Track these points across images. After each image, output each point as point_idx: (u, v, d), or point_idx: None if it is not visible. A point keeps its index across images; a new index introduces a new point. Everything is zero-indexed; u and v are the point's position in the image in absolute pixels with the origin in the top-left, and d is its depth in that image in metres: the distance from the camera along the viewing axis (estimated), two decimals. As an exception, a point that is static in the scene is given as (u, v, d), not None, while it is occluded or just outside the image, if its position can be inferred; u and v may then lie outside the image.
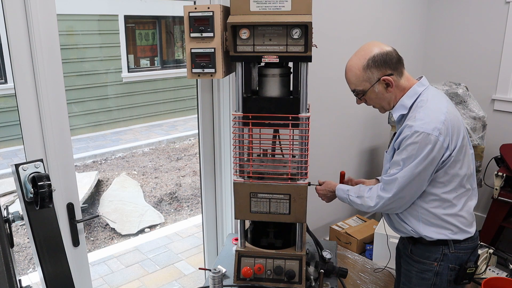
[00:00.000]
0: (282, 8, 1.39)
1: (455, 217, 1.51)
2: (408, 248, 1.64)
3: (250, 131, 1.54)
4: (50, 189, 0.92)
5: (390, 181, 1.48)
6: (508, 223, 2.72)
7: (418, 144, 1.39)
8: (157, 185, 5.37)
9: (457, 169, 1.46)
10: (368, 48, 1.49)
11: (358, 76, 1.49)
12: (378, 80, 1.48)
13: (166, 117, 8.04)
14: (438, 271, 1.56)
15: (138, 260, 3.75)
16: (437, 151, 1.39)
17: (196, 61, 1.48)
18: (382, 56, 1.47)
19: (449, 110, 1.45)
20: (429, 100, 1.46)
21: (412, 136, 1.39)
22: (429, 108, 1.43)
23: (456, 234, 1.52)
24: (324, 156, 2.73)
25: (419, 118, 1.41)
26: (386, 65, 1.47)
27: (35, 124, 1.43)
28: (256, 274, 1.60)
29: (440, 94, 1.54)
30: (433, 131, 1.38)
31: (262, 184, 1.54)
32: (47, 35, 1.39)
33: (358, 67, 1.48)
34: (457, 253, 1.54)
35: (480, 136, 2.79)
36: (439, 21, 3.31)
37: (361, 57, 1.48)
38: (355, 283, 2.45)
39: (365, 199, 1.57)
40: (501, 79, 3.03)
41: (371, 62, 1.46)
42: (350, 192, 1.64)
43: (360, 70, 1.47)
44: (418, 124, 1.39)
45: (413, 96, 1.50)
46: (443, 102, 1.48)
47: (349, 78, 1.53)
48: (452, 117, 1.43)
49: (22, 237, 4.05)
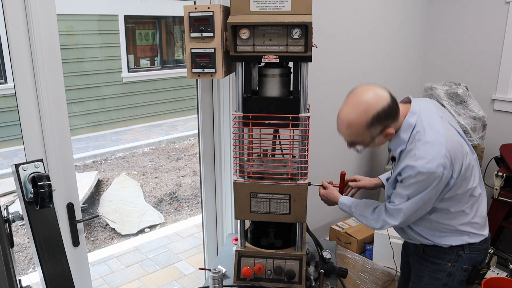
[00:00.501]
0: (282, 8, 1.39)
1: (469, 225, 1.51)
2: (420, 249, 1.63)
3: (250, 131, 1.53)
4: (50, 189, 0.92)
5: (395, 211, 1.47)
6: (508, 223, 2.72)
7: (423, 182, 1.37)
8: (157, 185, 5.37)
9: (464, 186, 1.45)
10: (368, 100, 1.36)
11: (359, 134, 1.40)
12: (380, 133, 1.41)
13: (166, 117, 8.04)
14: (452, 272, 1.56)
15: (138, 260, 3.75)
16: (442, 183, 1.39)
17: (196, 61, 1.48)
18: (385, 111, 1.36)
19: (447, 136, 1.39)
20: (426, 132, 1.40)
21: (416, 176, 1.36)
22: (428, 142, 1.38)
23: (472, 238, 1.53)
24: (324, 156, 2.73)
25: (420, 156, 1.36)
26: (389, 118, 1.39)
27: (35, 124, 1.43)
28: (256, 274, 1.60)
29: (433, 118, 1.45)
30: (437, 169, 1.34)
31: (262, 184, 1.54)
32: (47, 35, 1.39)
33: (361, 125, 1.37)
34: (471, 254, 1.54)
35: (480, 136, 2.79)
36: (439, 21, 3.31)
37: (362, 113, 1.36)
38: (355, 283, 2.45)
39: (370, 220, 1.57)
40: (501, 79, 3.03)
41: (375, 119, 1.36)
42: (353, 208, 1.63)
43: (363, 128, 1.38)
44: (421, 164, 1.35)
45: (408, 129, 1.43)
46: (439, 128, 1.41)
47: (348, 134, 1.43)
48: (451, 145, 1.38)
49: (22, 237, 4.05)
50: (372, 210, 1.58)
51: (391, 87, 3.43)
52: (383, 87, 1.41)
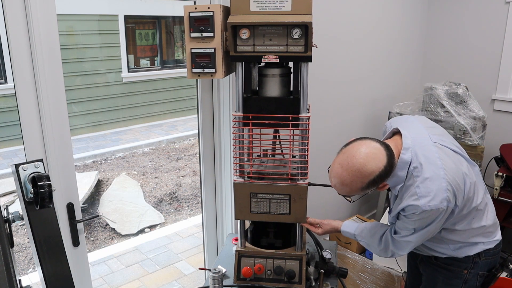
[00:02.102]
0: (282, 8, 1.39)
1: (481, 235, 1.51)
2: (431, 256, 1.60)
3: (250, 131, 1.53)
4: (50, 189, 0.92)
5: (403, 243, 1.46)
6: (508, 223, 2.72)
7: (429, 217, 1.35)
8: (157, 185, 5.37)
9: (468, 206, 1.43)
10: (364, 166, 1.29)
11: (352, 192, 1.37)
12: (374, 190, 1.38)
13: (166, 117, 8.04)
14: (468, 278, 1.54)
15: (138, 260, 3.75)
16: (447, 214, 1.37)
17: (196, 61, 1.48)
18: (382, 175, 1.31)
19: (445, 168, 1.34)
20: (423, 167, 1.35)
21: (421, 214, 1.33)
22: (428, 178, 1.33)
23: (487, 245, 1.52)
24: (324, 156, 2.72)
25: (422, 195, 1.32)
26: (385, 179, 1.34)
27: (35, 124, 1.43)
28: (256, 274, 1.60)
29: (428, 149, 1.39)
30: (441, 204, 1.31)
31: (262, 185, 1.54)
32: (47, 35, 1.39)
33: (355, 188, 1.33)
34: (487, 260, 1.53)
35: (480, 136, 2.79)
36: (439, 21, 3.31)
37: (358, 178, 1.30)
38: (355, 283, 2.45)
39: (379, 251, 1.55)
40: (501, 79, 3.03)
41: (371, 183, 1.32)
42: (358, 237, 1.61)
43: (358, 190, 1.34)
44: (423, 203, 1.31)
45: (405, 166, 1.38)
46: (436, 160, 1.35)
47: (340, 190, 1.38)
48: (451, 175, 1.34)
49: (22, 237, 4.05)
50: (379, 239, 1.54)
51: (391, 87, 3.44)
52: (379, 143, 1.34)
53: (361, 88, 2.89)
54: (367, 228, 1.61)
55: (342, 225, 1.66)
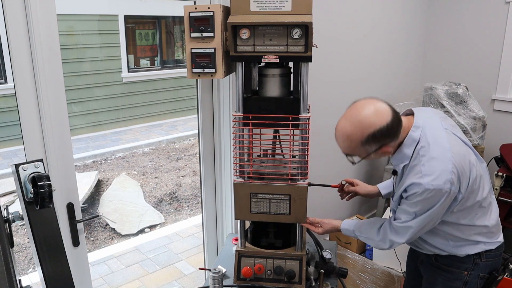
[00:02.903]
0: (282, 8, 1.39)
1: (482, 234, 1.49)
2: (432, 257, 1.59)
3: (250, 131, 1.53)
4: (50, 189, 0.92)
5: (402, 228, 1.44)
6: (508, 223, 2.72)
7: (431, 199, 1.33)
8: (157, 185, 5.37)
9: (472, 199, 1.42)
10: (366, 117, 1.31)
11: (353, 148, 1.37)
12: (375, 151, 1.37)
13: (166, 117, 8.05)
14: (468, 280, 1.52)
15: (138, 260, 3.75)
16: (450, 199, 1.36)
17: (196, 61, 1.48)
18: (382, 131, 1.32)
19: (453, 151, 1.34)
20: (431, 146, 1.35)
21: (423, 193, 1.32)
22: (434, 158, 1.33)
23: (488, 245, 1.50)
24: (324, 156, 2.73)
25: (427, 173, 1.32)
26: (387, 138, 1.34)
27: (35, 124, 1.43)
28: (256, 274, 1.60)
29: (438, 131, 1.41)
30: (444, 185, 1.30)
31: (262, 185, 1.54)
32: (47, 35, 1.39)
33: (355, 140, 1.33)
34: (488, 262, 1.51)
35: (480, 136, 2.79)
36: (439, 21, 3.31)
37: (358, 129, 1.32)
38: (355, 283, 2.45)
39: (377, 242, 1.54)
40: (501, 79, 3.03)
41: (371, 138, 1.32)
42: (357, 232, 1.60)
43: (358, 144, 1.34)
44: (427, 181, 1.31)
45: (412, 144, 1.38)
46: (445, 143, 1.36)
47: (343, 146, 1.39)
48: (458, 159, 1.34)
49: (22, 237, 4.05)
50: (377, 230, 1.54)
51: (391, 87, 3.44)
52: (386, 103, 1.36)
53: (361, 88, 2.89)
54: (365, 223, 1.61)
55: (342, 223, 1.66)
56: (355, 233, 1.61)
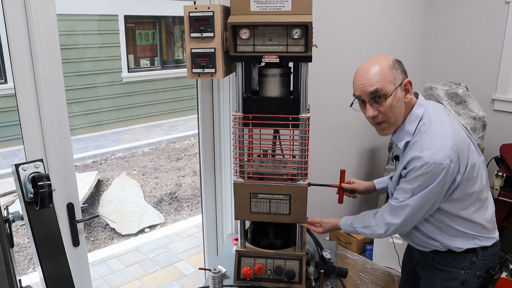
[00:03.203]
0: (282, 8, 1.39)
1: (479, 230, 1.49)
2: (429, 257, 1.59)
3: (250, 131, 1.53)
4: (50, 189, 0.92)
5: (399, 207, 1.43)
6: (508, 223, 2.72)
7: (430, 174, 1.33)
8: (157, 185, 5.37)
9: (470, 186, 1.42)
10: (383, 55, 1.43)
11: (384, 74, 1.36)
12: (401, 84, 1.39)
13: (166, 117, 8.05)
14: (465, 279, 1.52)
15: (138, 260, 3.76)
16: (448, 178, 1.35)
17: (196, 61, 1.48)
18: (401, 63, 1.42)
19: (454, 131, 1.38)
20: (432, 124, 1.39)
21: (422, 167, 1.33)
22: (435, 134, 1.36)
23: (483, 241, 1.50)
24: (324, 156, 2.73)
25: (427, 147, 1.34)
26: (404, 70, 1.43)
27: (35, 124, 1.43)
28: (256, 274, 1.60)
29: (440, 112, 1.47)
30: (444, 160, 1.32)
31: (262, 185, 1.54)
32: (47, 35, 1.39)
33: (384, 65, 1.37)
34: (484, 260, 1.51)
35: (480, 136, 2.79)
36: (439, 21, 3.31)
37: (382, 58, 1.40)
38: (355, 283, 2.45)
39: (373, 228, 1.53)
40: (501, 79, 3.03)
41: (396, 63, 1.40)
42: (355, 224, 1.60)
43: (387, 68, 1.37)
44: (427, 155, 1.33)
45: (415, 120, 1.43)
46: (446, 122, 1.41)
47: (372, 77, 1.37)
48: (458, 139, 1.37)
49: (22, 237, 4.05)
50: (373, 216, 1.54)
51: (391, 87, 3.31)
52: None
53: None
54: (363, 213, 1.62)
55: (341, 220, 1.67)
56: (353, 225, 1.61)
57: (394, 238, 2.44)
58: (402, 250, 2.45)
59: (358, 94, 1.43)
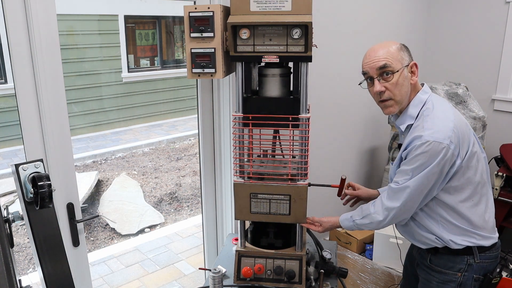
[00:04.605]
0: (282, 8, 1.39)
1: (477, 227, 1.48)
2: (427, 258, 1.58)
3: (250, 131, 1.53)
4: (50, 189, 0.92)
5: (399, 189, 1.43)
6: (508, 223, 2.72)
7: (429, 153, 1.34)
8: (157, 185, 5.37)
9: (470, 174, 1.42)
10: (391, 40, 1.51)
11: (392, 54, 1.44)
12: (408, 64, 1.46)
13: (166, 117, 8.05)
14: (462, 282, 1.51)
15: (138, 260, 3.76)
16: (448, 159, 1.36)
17: (196, 61, 1.48)
18: (408, 48, 1.49)
19: (456, 116, 1.42)
20: (435, 108, 1.43)
21: (422, 146, 1.35)
22: (436, 116, 1.40)
23: (480, 241, 1.49)
24: (324, 157, 2.73)
25: (428, 127, 1.37)
26: (410, 54, 1.50)
27: (35, 124, 1.43)
28: (256, 274, 1.60)
29: (444, 101, 1.51)
30: (444, 140, 1.34)
31: (262, 185, 1.54)
32: (47, 35, 1.39)
33: (393, 47, 1.46)
34: (482, 263, 1.50)
35: (480, 136, 2.79)
36: (439, 21, 3.31)
37: (390, 42, 1.48)
38: (355, 283, 2.46)
39: (372, 215, 1.52)
40: (501, 79, 3.03)
41: (404, 47, 1.48)
42: (354, 216, 1.59)
43: (395, 49, 1.45)
44: (427, 134, 1.35)
45: (419, 104, 1.47)
46: (449, 109, 1.45)
47: (381, 54, 1.44)
48: (460, 124, 1.40)
49: (22, 237, 4.05)
50: (372, 204, 1.54)
51: (391, 87, 3.31)
52: None
53: (361, 88, 2.89)
54: (361, 205, 1.61)
55: (340, 216, 1.66)
56: (353, 218, 1.59)
57: (394, 238, 2.44)
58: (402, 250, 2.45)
59: (366, 70, 1.48)
